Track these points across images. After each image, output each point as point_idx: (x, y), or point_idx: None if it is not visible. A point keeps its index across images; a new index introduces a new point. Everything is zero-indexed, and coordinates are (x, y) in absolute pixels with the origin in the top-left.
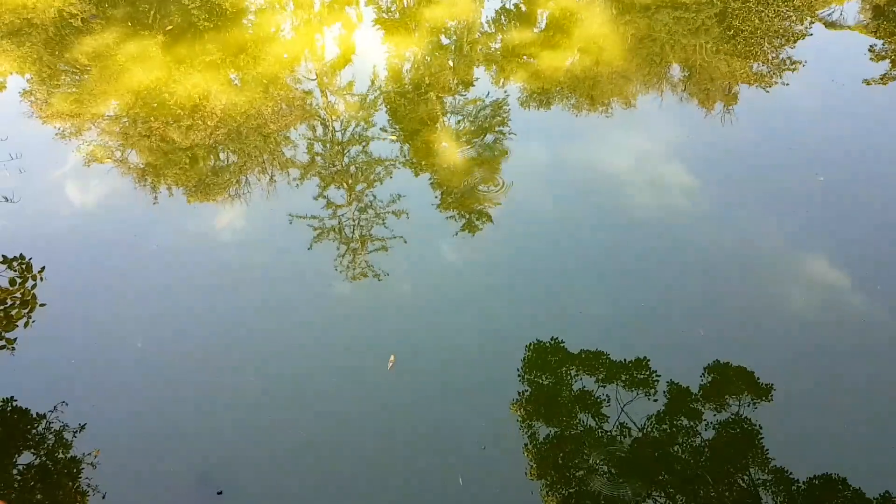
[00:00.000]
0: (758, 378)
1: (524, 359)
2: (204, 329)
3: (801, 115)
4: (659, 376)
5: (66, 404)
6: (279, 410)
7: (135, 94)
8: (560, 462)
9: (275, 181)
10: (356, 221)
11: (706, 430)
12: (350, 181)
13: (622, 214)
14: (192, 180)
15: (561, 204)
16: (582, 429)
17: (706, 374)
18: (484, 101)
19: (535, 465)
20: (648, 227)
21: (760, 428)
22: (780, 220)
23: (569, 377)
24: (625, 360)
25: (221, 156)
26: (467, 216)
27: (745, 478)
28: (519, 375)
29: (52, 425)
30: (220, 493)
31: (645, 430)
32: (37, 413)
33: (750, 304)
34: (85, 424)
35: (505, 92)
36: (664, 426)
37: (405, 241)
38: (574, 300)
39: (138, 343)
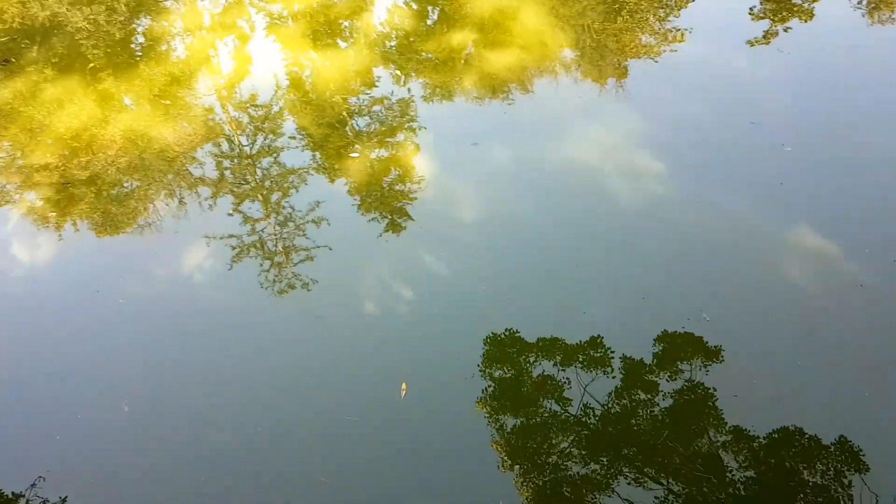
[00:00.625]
0: (706, 342)
1: (483, 354)
2: (175, 380)
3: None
4: (613, 352)
5: (44, 479)
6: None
7: (27, 132)
8: (531, 450)
9: (185, 203)
10: (278, 235)
11: (664, 399)
12: (264, 194)
13: (548, 198)
14: (97, 213)
15: (482, 193)
16: (548, 415)
17: (657, 344)
18: (390, 100)
19: (505, 458)
20: (582, 204)
21: (714, 390)
22: (721, 188)
23: (528, 366)
24: (580, 341)
25: (126, 185)
26: (389, 216)
27: (707, 441)
28: (480, 371)
29: (31, 503)
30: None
31: (608, 408)
32: (12, 493)
33: (697, 269)
34: (66, 497)
35: (408, 89)
36: (624, 401)
37: (330, 249)
38: (520, 289)
39: (125, 407)
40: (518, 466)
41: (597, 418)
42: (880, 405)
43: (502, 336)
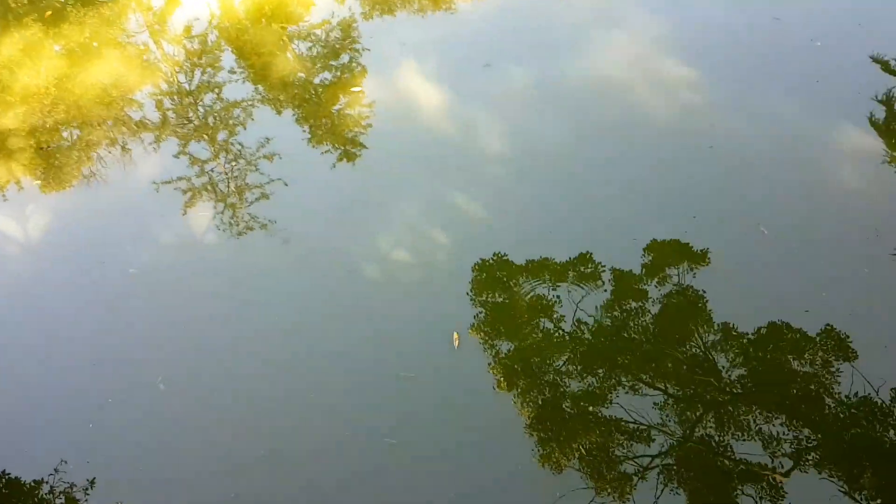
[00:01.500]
0: (691, 246)
1: (472, 280)
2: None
3: None
4: (604, 267)
5: (66, 462)
6: None
7: None
8: (528, 370)
9: (128, 150)
10: (229, 174)
11: (654, 305)
12: (210, 132)
13: (507, 110)
14: (40, 167)
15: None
16: (542, 334)
17: (646, 254)
18: (330, 23)
19: (502, 380)
20: (554, 107)
21: (704, 292)
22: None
23: (520, 289)
24: (569, 258)
25: (65, 134)
26: (342, 147)
27: (698, 342)
28: (470, 298)
29: (55, 489)
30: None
31: (600, 321)
32: (33, 480)
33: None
34: (94, 479)
35: (349, 9)
36: (615, 312)
37: (286, 185)
38: (499, 210)
39: (160, 384)
40: (516, 388)
41: (590, 332)
42: (863, 294)
43: (491, 261)
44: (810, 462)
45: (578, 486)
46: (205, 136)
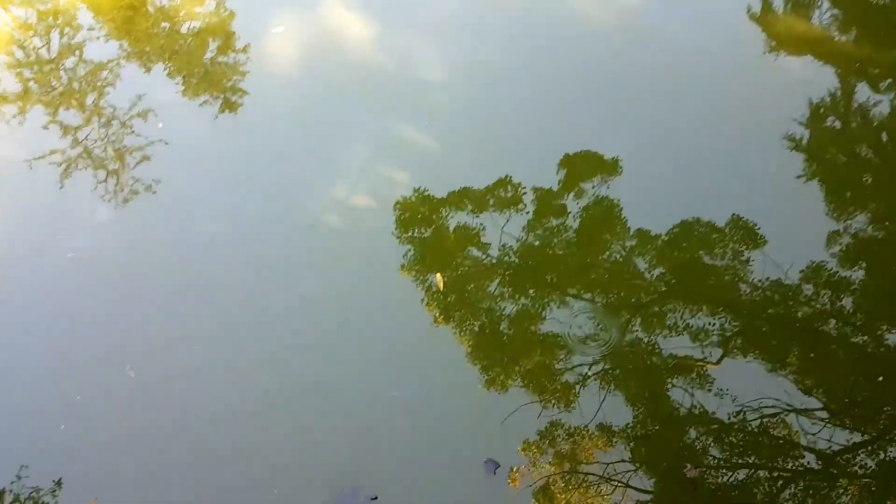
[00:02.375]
0: (603, 156)
1: (396, 220)
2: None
3: None
4: (525, 188)
5: (27, 467)
6: None
7: None
8: (461, 302)
9: None
10: (105, 139)
11: (574, 220)
12: (77, 97)
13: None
14: None
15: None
16: (470, 263)
17: (559, 170)
18: None
19: (438, 315)
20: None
21: (618, 201)
22: None
23: (444, 222)
24: (489, 184)
25: None
26: (221, 96)
27: (617, 251)
28: (396, 236)
29: (21, 495)
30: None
31: (524, 242)
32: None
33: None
34: (60, 479)
35: None
36: (538, 232)
37: (166, 144)
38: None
39: (129, 372)
40: (452, 320)
41: (517, 255)
42: (768, 181)
43: (412, 198)
44: (737, 348)
45: (526, 402)
46: (73, 101)
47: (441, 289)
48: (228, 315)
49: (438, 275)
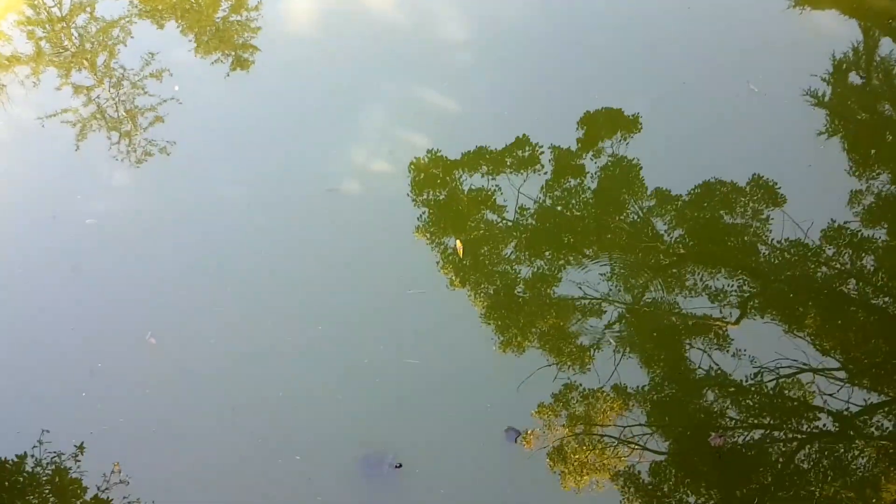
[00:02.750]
0: (624, 112)
1: (411, 182)
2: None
3: None
4: (542, 147)
5: (49, 432)
6: None
7: None
8: (480, 264)
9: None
10: (116, 99)
11: (592, 181)
12: (89, 57)
13: None
14: None
15: None
16: (485, 226)
17: (580, 128)
18: None
19: (453, 279)
20: None
21: (637, 160)
22: None
23: (459, 183)
24: (506, 144)
25: None
26: (233, 53)
27: (636, 209)
28: (412, 199)
29: (42, 461)
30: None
31: (541, 203)
32: (15, 455)
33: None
34: (83, 443)
35: None
36: (556, 193)
37: (180, 103)
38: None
39: (150, 339)
40: (469, 285)
41: (533, 217)
42: (787, 140)
43: (425, 159)
44: (756, 308)
45: (542, 365)
46: (84, 61)
47: (460, 255)
48: (248, 280)
49: (458, 241)
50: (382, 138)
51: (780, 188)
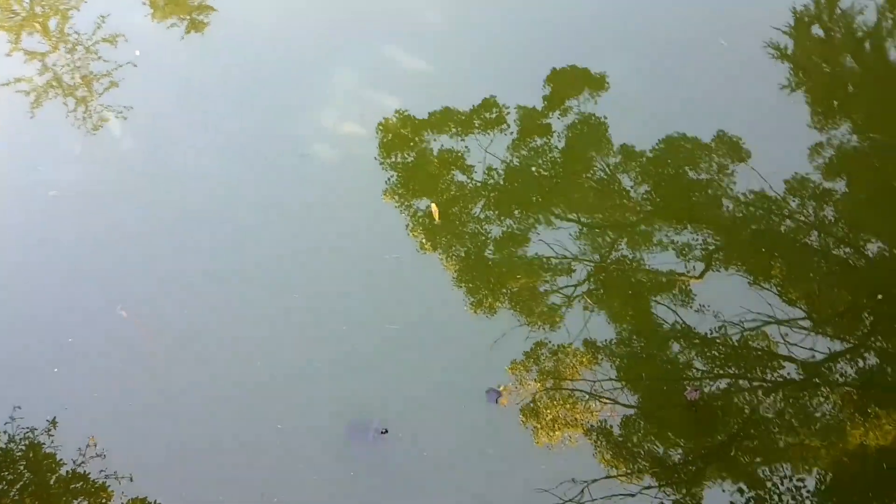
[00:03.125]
0: (589, 71)
1: (379, 144)
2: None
3: None
4: (508, 107)
5: (20, 408)
6: None
7: None
8: (447, 226)
9: None
10: (71, 65)
11: (559, 140)
12: (41, 21)
13: None
14: None
15: None
16: (455, 187)
17: (546, 86)
18: None
19: (424, 240)
20: None
21: (605, 118)
22: None
23: (427, 144)
24: (472, 105)
25: None
26: (187, 17)
27: (602, 166)
28: (379, 162)
29: (16, 436)
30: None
31: (508, 163)
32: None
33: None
34: (55, 418)
35: None
36: (523, 151)
37: (135, 66)
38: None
39: (121, 312)
40: (439, 246)
41: (501, 176)
42: (748, 94)
43: (392, 120)
44: (720, 261)
45: (513, 326)
46: (35, 25)
47: (436, 219)
48: (221, 249)
49: (433, 205)
50: (351, 100)
51: (744, 142)
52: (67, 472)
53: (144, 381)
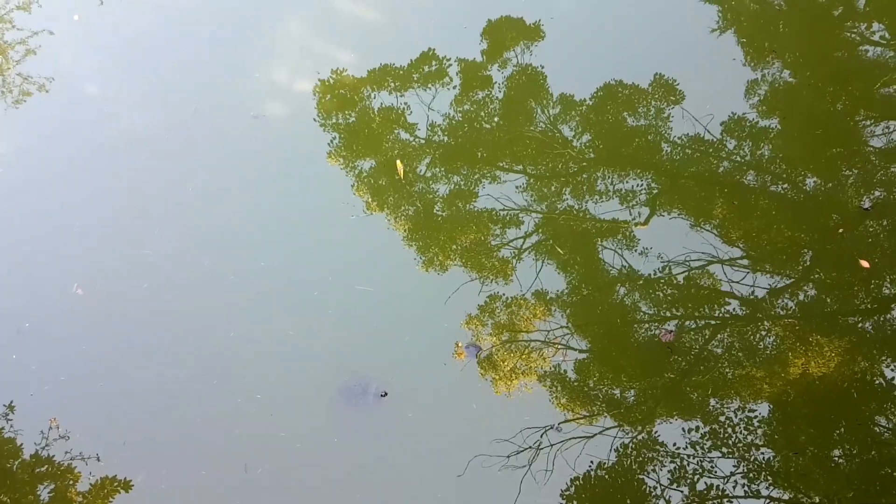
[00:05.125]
0: (526, 21)
1: (316, 105)
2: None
3: None
4: (449, 61)
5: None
6: None
7: None
8: (389, 187)
9: None
10: None
11: (499, 91)
12: None
13: None
14: None
15: None
16: (399, 145)
17: (483, 40)
18: None
19: (370, 201)
20: None
21: (542, 68)
22: None
23: (368, 103)
24: (411, 59)
25: None
26: None
27: (546, 127)
28: (319, 123)
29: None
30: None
31: (452, 119)
32: None
33: None
34: (12, 402)
35: None
36: (467, 106)
37: (51, 34)
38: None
39: (78, 290)
40: (384, 208)
41: (446, 134)
42: (684, 36)
43: (329, 80)
44: (663, 205)
45: (465, 282)
46: None
47: (402, 175)
48: (177, 218)
49: (398, 161)
50: (303, 56)
51: (678, 85)
52: (31, 454)
53: (113, 359)
